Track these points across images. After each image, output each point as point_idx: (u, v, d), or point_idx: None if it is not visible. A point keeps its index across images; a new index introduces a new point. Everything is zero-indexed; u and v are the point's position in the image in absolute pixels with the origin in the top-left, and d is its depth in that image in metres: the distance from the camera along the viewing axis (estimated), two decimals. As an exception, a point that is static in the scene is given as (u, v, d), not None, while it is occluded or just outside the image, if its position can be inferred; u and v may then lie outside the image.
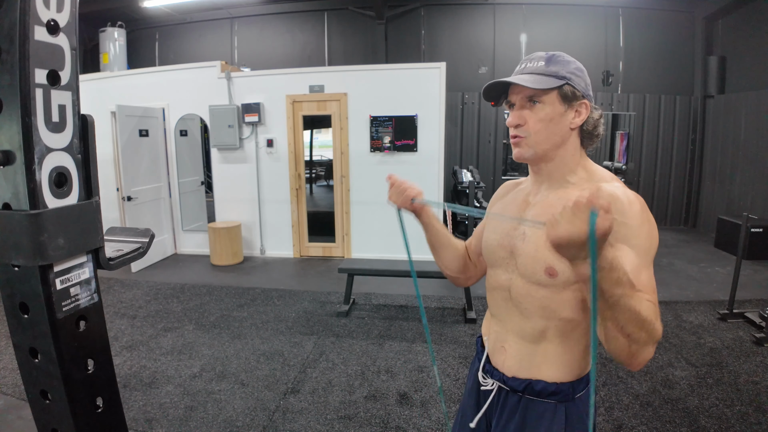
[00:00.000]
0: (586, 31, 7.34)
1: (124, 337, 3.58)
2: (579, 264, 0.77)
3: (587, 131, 1.02)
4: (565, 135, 1.00)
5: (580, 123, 1.00)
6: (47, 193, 0.74)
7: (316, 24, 7.92)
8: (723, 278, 4.79)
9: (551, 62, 0.99)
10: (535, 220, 1.02)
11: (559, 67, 0.98)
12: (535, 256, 0.99)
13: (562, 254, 0.77)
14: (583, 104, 0.99)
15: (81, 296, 0.82)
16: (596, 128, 1.02)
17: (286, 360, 3.21)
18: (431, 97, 5.31)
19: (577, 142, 1.03)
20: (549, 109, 0.98)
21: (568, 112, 0.99)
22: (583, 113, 0.99)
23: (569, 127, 1.00)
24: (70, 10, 0.76)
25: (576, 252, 0.75)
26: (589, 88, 1.01)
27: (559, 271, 0.95)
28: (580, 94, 0.98)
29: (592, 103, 1.01)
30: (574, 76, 0.98)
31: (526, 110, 1.00)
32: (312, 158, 11.96)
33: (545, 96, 0.97)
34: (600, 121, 1.02)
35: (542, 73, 0.98)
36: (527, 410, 1.04)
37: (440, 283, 4.75)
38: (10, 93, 0.69)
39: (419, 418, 2.54)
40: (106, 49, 7.22)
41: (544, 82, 0.97)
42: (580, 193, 0.83)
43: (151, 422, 2.50)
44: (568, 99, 0.98)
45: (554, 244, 0.76)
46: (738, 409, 2.54)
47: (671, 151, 7.31)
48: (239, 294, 4.55)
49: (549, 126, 0.99)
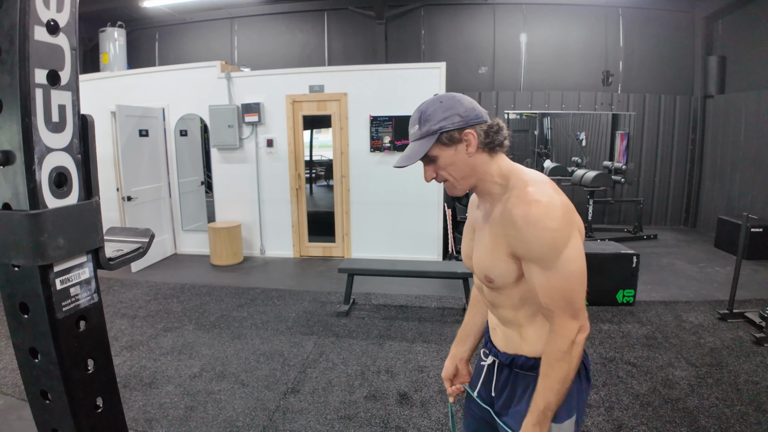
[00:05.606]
0: (586, 31, 7.34)
1: (124, 337, 3.58)
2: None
3: (487, 143, 1.10)
4: (469, 163, 1.10)
5: (475, 149, 1.09)
6: (47, 193, 0.74)
7: (316, 24, 7.92)
8: (723, 278, 4.79)
9: (422, 123, 1.09)
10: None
11: (429, 124, 1.08)
12: (479, 265, 1.17)
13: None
14: (466, 134, 1.08)
15: (81, 296, 0.82)
16: (493, 137, 1.10)
17: (286, 360, 3.21)
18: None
19: (485, 158, 1.11)
20: (443, 158, 1.10)
21: (459, 148, 1.09)
22: (471, 140, 1.08)
23: (468, 156, 1.10)
24: (70, 10, 0.76)
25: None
26: (470, 112, 1.08)
27: (494, 278, 1.12)
28: (458, 130, 1.07)
29: (481, 119, 1.09)
30: (444, 121, 1.07)
31: (430, 167, 1.14)
32: (312, 158, 11.96)
33: (432, 151, 1.09)
34: (494, 128, 1.10)
35: (419, 137, 1.10)
36: (515, 382, 1.20)
37: (440, 283, 4.75)
38: (10, 93, 0.69)
39: (419, 418, 2.54)
40: (106, 49, 7.22)
41: (422, 147, 1.09)
42: (503, 209, 1.06)
43: (151, 422, 2.50)
44: (451, 141, 1.08)
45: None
46: (738, 408, 2.54)
47: (671, 151, 7.31)
48: (239, 294, 4.55)
49: (452, 168, 1.11)
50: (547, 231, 1.00)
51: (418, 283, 4.74)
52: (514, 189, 1.07)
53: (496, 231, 1.10)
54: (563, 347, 1.03)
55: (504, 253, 1.08)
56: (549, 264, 1.01)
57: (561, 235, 1.01)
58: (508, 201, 1.07)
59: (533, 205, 1.01)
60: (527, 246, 1.03)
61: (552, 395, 1.04)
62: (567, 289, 1.02)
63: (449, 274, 4.04)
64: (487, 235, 1.13)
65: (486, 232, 1.14)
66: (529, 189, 1.04)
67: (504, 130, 1.11)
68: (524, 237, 1.02)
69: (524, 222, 1.01)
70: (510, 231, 1.05)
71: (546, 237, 1.00)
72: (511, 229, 1.04)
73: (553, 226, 1.00)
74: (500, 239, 1.09)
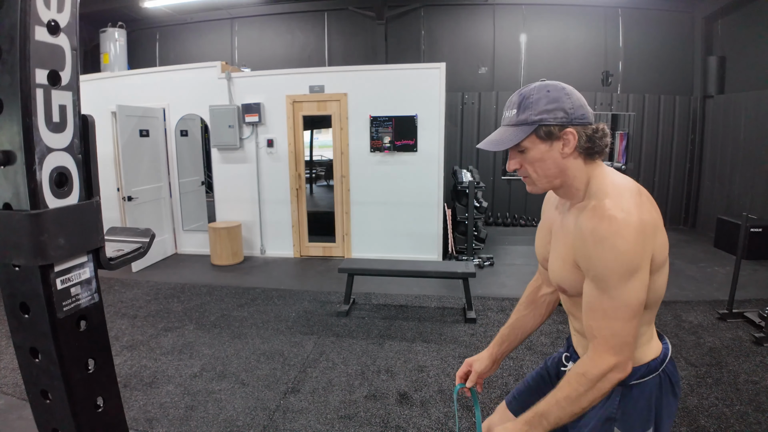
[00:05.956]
0: (585, 31, 7.34)
1: (125, 336, 3.58)
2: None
3: (587, 147, 1.03)
4: (561, 164, 1.04)
5: (571, 151, 1.02)
6: (48, 193, 0.74)
7: (316, 24, 7.93)
8: (722, 278, 4.79)
9: (521, 109, 1.02)
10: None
11: (529, 112, 1.01)
12: (554, 274, 1.14)
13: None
14: (567, 133, 1.01)
15: (81, 296, 0.82)
16: (595, 142, 1.03)
17: (287, 360, 3.21)
18: (431, 97, 5.31)
19: (579, 163, 1.05)
20: (534, 152, 1.03)
21: (555, 146, 1.02)
22: (571, 141, 1.02)
23: (561, 157, 1.03)
24: (70, 10, 0.76)
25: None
26: (576, 110, 1.01)
27: (567, 288, 1.10)
28: (559, 126, 1.01)
29: (586, 120, 1.02)
30: (546, 114, 1.00)
31: (517, 158, 1.07)
32: (312, 158, 11.96)
33: (525, 142, 1.03)
34: (598, 133, 1.04)
35: (514, 123, 1.03)
36: None
37: (440, 283, 4.76)
38: (10, 93, 0.69)
39: (419, 417, 2.54)
40: (106, 49, 7.22)
41: (515, 136, 1.02)
42: (585, 222, 0.99)
43: (152, 422, 2.51)
44: (548, 137, 1.01)
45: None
46: (737, 408, 2.54)
47: (671, 151, 7.31)
48: (239, 294, 4.55)
49: (540, 165, 1.04)
50: (613, 252, 0.93)
51: (418, 283, 4.74)
52: (593, 198, 1.02)
53: (568, 241, 1.07)
54: (591, 377, 0.97)
55: (572, 264, 1.05)
56: (606, 287, 0.95)
57: (628, 259, 0.93)
58: (584, 211, 1.01)
59: (605, 222, 0.94)
60: (589, 263, 0.98)
61: (556, 409, 1.00)
62: (616, 318, 0.95)
63: (449, 274, 4.04)
64: (561, 244, 1.10)
65: (560, 240, 1.11)
66: (606, 201, 0.97)
67: (608, 137, 1.05)
68: (589, 253, 0.97)
69: (592, 238, 0.96)
70: (578, 243, 1.01)
71: (611, 258, 0.93)
72: (580, 241, 1.00)
73: (621, 247, 0.93)
74: (570, 249, 1.05)
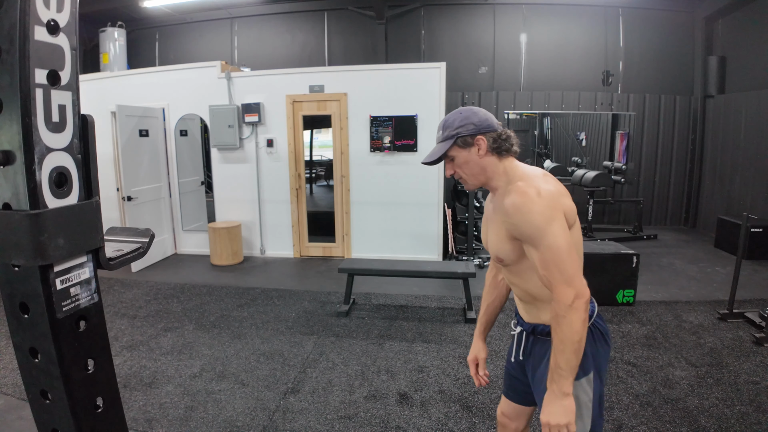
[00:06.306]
0: (586, 31, 7.34)
1: (124, 336, 3.58)
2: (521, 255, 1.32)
3: (495, 147, 1.34)
4: (480, 163, 1.35)
5: (484, 152, 1.33)
6: (47, 193, 0.74)
7: (316, 24, 7.92)
8: (723, 278, 4.79)
9: (444, 129, 1.36)
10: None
11: (449, 129, 1.34)
12: (492, 249, 1.42)
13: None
14: (477, 140, 1.32)
15: (81, 296, 0.82)
16: (501, 143, 1.33)
17: (286, 360, 3.21)
18: (431, 97, 5.31)
19: (494, 160, 1.35)
20: (459, 158, 1.35)
21: (472, 150, 1.34)
22: (482, 144, 1.33)
23: (479, 158, 1.34)
24: (70, 10, 0.76)
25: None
26: (483, 123, 1.33)
27: (503, 257, 1.36)
28: (470, 136, 1.32)
29: (492, 128, 1.33)
30: (461, 128, 1.33)
31: (449, 164, 1.39)
32: (312, 158, 11.96)
33: (450, 152, 1.35)
34: (503, 137, 1.34)
35: (441, 140, 1.37)
36: (536, 346, 1.45)
37: (440, 283, 4.76)
38: (10, 93, 0.69)
39: (419, 418, 2.54)
40: (106, 49, 7.22)
41: (442, 148, 1.35)
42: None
43: (151, 422, 2.51)
44: (465, 144, 1.33)
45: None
46: (738, 409, 2.54)
47: (671, 151, 7.31)
48: (239, 294, 4.55)
49: (466, 167, 1.36)
50: (530, 215, 1.21)
51: (418, 283, 4.74)
52: (511, 183, 1.31)
53: (499, 219, 1.34)
54: (561, 311, 1.20)
55: (506, 237, 1.32)
56: (537, 242, 1.22)
57: (543, 217, 1.20)
58: (506, 194, 1.29)
59: (518, 196, 1.24)
60: (518, 229, 1.25)
61: (560, 356, 1.22)
62: (557, 260, 1.20)
63: (449, 274, 4.04)
64: (496, 224, 1.37)
65: (494, 220, 1.39)
66: (519, 183, 1.27)
67: (511, 139, 1.35)
68: (515, 221, 1.25)
69: (513, 209, 1.24)
70: (505, 218, 1.28)
71: (530, 220, 1.21)
72: (506, 215, 1.27)
73: (534, 209, 1.21)
74: (502, 225, 1.32)
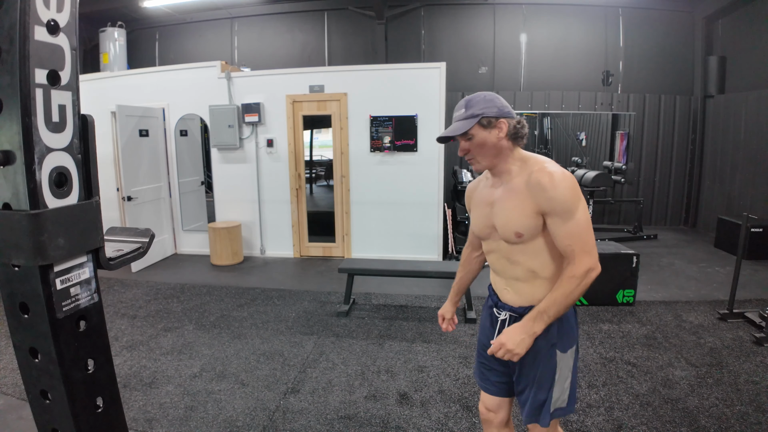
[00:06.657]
0: (586, 31, 7.34)
1: (124, 336, 3.58)
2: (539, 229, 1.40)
3: (512, 135, 1.42)
4: (498, 146, 1.42)
5: (504, 135, 1.41)
6: (47, 193, 0.74)
7: (316, 24, 7.92)
8: (723, 278, 4.79)
9: (468, 107, 1.42)
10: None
11: (473, 108, 1.41)
12: (506, 227, 1.45)
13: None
14: (500, 122, 1.40)
15: (81, 296, 0.82)
16: (519, 130, 1.42)
17: (286, 360, 3.21)
18: (431, 97, 5.31)
19: (509, 145, 1.44)
20: (478, 137, 1.41)
21: (492, 132, 1.40)
22: (503, 128, 1.40)
23: (497, 140, 1.41)
24: (70, 10, 0.76)
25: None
26: (504, 108, 1.41)
27: (524, 232, 1.41)
28: (494, 118, 1.39)
29: (512, 115, 1.43)
30: (485, 109, 1.40)
31: (465, 143, 1.44)
32: (312, 158, 11.96)
33: (471, 131, 1.41)
34: (520, 124, 1.42)
35: (464, 118, 1.42)
36: None
37: (440, 283, 4.75)
38: (10, 93, 0.69)
39: (419, 418, 2.54)
40: (106, 49, 7.22)
41: (466, 125, 1.41)
42: (521, 178, 1.41)
43: (151, 422, 2.50)
44: (488, 125, 1.40)
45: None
46: (738, 409, 2.54)
47: (671, 151, 7.31)
48: (239, 294, 4.55)
49: (483, 147, 1.42)
50: (566, 190, 1.33)
51: (418, 283, 4.74)
52: (535, 166, 1.40)
53: (522, 197, 1.39)
54: (578, 273, 1.32)
55: (533, 212, 1.38)
56: (569, 215, 1.33)
57: (575, 194, 1.34)
58: (532, 174, 1.37)
59: (555, 175, 1.34)
60: (551, 203, 1.34)
61: (553, 305, 1.34)
62: (582, 233, 1.34)
63: (449, 274, 4.03)
64: (514, 203, 1.41)
65: (511, 201, 1.42)
66: (546, 164, 1.38)
67: (526, 128, 1.45)
68: (551, 196, 1.33)
69: (550, 185, 1.33)
70: (538, 193, 1.35)
71: (567, 195, 1.33)
72: (539, 191, 1.35)
73: (568, 185, 1.33)
74: (527, 201, 1.38)
